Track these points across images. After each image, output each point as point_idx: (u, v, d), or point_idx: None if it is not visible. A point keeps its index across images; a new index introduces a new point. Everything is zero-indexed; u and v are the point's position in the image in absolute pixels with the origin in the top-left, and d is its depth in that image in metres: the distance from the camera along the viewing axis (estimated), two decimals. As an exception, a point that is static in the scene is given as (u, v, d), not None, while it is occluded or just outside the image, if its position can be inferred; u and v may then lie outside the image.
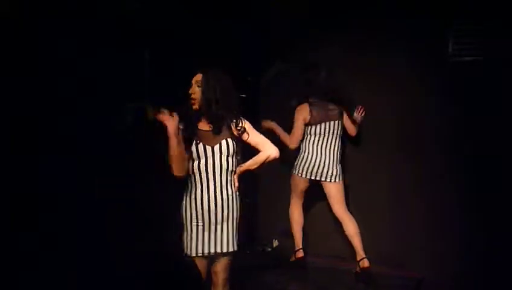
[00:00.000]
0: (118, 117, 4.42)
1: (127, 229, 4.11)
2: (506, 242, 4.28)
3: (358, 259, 4.47)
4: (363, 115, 4.59)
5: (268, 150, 3.24)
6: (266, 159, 3.23)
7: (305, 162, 4.57)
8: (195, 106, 3.16)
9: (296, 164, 4.62)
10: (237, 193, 3.24)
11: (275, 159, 3.26)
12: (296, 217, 4.74)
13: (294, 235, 4.74)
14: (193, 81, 3.19)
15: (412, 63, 4.69)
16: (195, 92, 3.15)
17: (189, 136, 3.16)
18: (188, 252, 3.21)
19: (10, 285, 3.44)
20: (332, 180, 4.55)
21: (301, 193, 4.72)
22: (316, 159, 4.53)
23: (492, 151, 4.39)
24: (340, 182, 4.58)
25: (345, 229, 4.54)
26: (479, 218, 4.42)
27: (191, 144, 3.14)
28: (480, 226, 4.41)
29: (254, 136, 3.25)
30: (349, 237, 4.51)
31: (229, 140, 3.16)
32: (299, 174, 4.60)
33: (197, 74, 3.22)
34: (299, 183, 4.67)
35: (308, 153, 4.57)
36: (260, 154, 3.24)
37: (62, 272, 3.63)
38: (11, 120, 3.60)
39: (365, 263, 4.44)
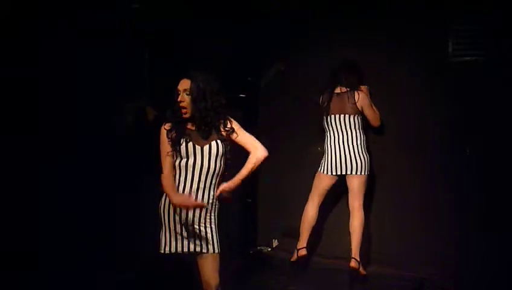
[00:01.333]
0: (118, 117, 4.42)
1: (126, 229, 4.11)
2: (506, 242, 4.28)
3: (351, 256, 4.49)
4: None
5: (257, 152, 3.15)
6: (256, 162, 3.15)
7: (329, 159, 4.58)
8: (187, 115, 3.08)
9: (322, 162, 4.62)
10: (217, 198, 3.16)
11: (266, 160, 3.16)
12: (309, 217, 4.65)
13: (301, 233, 4.67)
14: (180, 89, 3.08)
15: (412, 63, 4.69)
16: (185, 99, 3.06)
17: (178, 135, 3.11)
18: (167, 250, 3.11)
19: (10, 285, 3.44)
20: (353, 173, 4.52)
21: (324, 191, 4.66)
22: (337, 153, 4.55)
23: (493, 151, 4.39)
24: (362, 175, 4.53)
25: (350, 224, 4.53)
26: (480, 218, 4.41)
27: (179, 143, 3.09)
28: (481, 227, 4.40)
29: (242, 136, 3.17)
30: (350, 232, 4.51)
31: (219, 141, 3.10)
32: (324, 172, 4.58)
33: (181, 80, 3.11)
34: (324, 181, 4.63)
35: (331, 149, 4.59)
36: (249, 159, 3.16)
37: (62, 271, 3.64)
38: (11, 120, 3.60)
39: (352, 263, 4.44)
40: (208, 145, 3.09)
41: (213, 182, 3.12)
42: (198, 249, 3.10)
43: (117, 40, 4.23)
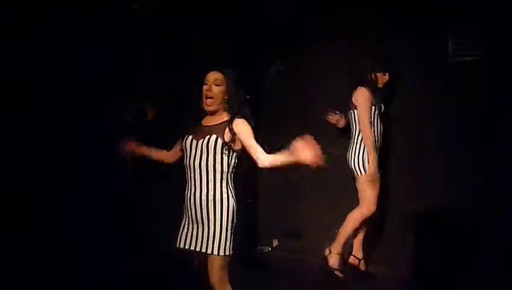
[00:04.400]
0: (117, 117, 4.42)
1: (127, 228, 4.11)
2: (505, 242, 4.27)
3: None
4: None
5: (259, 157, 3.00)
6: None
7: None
8: (212, 107, 3.08)
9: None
10: (228, 197, 3.07)
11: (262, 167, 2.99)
12: None
13: None
14: (210, 80, 3.08)
15: (412, 63, 4.67)
16: (213, 90, 3.07)
17: (185, 133, 3.15)
18: (176, 245, 3.14)
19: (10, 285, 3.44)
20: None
21: None
22: None
23: (492, 151, 4.37)
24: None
25: None
26: (478, 218, 4.39)
27: (185, 140, 3.14)
28: (480, 226, 4.39)
29: (247, 139, 3.07)
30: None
31: (217, 137, 3.05)
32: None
33: (210, 72, 3.12)
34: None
35: None
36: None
37: (62, 272, 3.63)
38: (11, 120, 3.60)
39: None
40: (202, 139, 3.07)
41: (218, 177, 3.05)
42: (203, 249, 3.05)
43: (116, 40, 4.23)
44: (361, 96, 4.38)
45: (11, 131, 3.58)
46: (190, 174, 3.11)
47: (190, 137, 3.12)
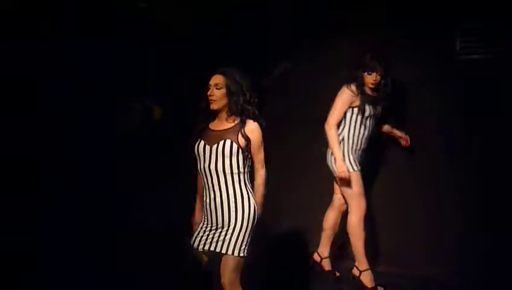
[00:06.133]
0: (125, 117, 4.45)
1: (136, 229, 4.14)
2: (508, 242, 4.22)
3: None
4: None
5: (257, 177, 3.20)
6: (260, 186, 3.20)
7: None
8: (215, 105, 3.13)
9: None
10: (248, 197, 3.10)
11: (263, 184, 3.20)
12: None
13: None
14: (211, 84, 3.13)
15: (419, 61, 4.62)
16: (215, 94, 3.11)
17: (195, 137, 3.18)
18: (190, 245, 3.18)
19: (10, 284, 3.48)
20: None
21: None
22: None
23: (499, 150, 4.33)
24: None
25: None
26: (481, 218, 4.36)
27: (196, 145, 3.16)
28: (485, 225, 4.34)
29: (255, 151, 3.15)
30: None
31: (231, 141, 3.07)
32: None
33: (213, 75, 3.17)
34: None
35: None
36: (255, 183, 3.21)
37: (63, 272, 3.67)
38: (12, 119, 3.65)
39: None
40: (216, 145, 3.08)
41: (235, 179, 3.09)
42: (218, 249, 3.06)
43: (123, 38, 4.26)
44: (340, 95, 4.18)
45: (13, 129, 3.62)
46: (207, 179, 3.12)
47: (202, 142, 3.13)
